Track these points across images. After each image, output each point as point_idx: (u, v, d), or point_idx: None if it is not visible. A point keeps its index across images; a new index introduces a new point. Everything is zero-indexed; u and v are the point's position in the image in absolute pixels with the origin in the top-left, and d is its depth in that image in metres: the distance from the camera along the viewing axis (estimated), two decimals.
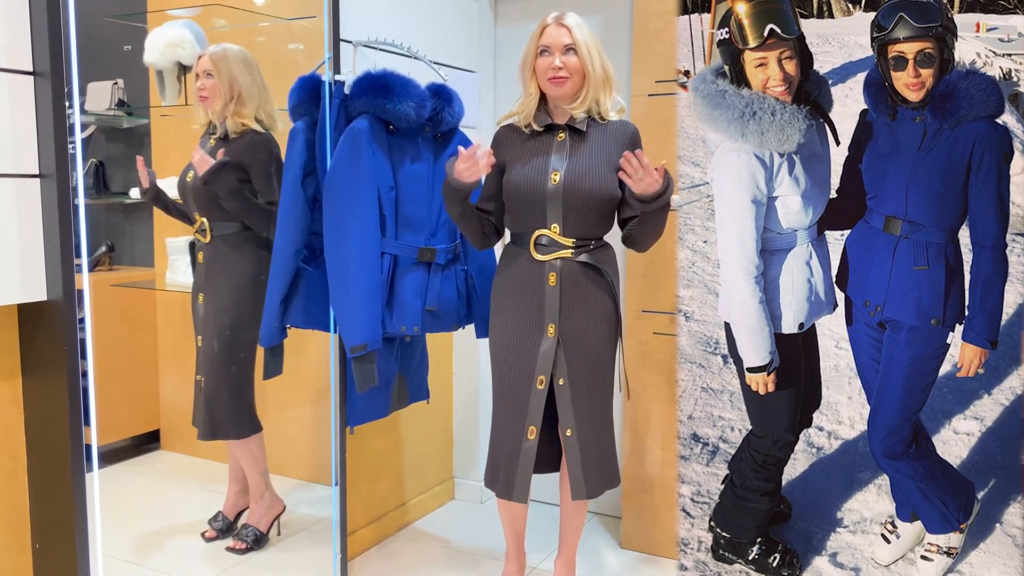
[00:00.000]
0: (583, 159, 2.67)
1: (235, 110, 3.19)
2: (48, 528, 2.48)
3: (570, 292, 2.70)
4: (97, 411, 2.52)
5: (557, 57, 2.64)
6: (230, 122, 3.19)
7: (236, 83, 3.18)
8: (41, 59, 2.29)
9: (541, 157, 2.69)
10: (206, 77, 3.20)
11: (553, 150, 2.69)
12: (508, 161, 2.74)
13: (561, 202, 2.65)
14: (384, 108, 2.83)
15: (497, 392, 2.82)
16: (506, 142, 2.78)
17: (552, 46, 2.65)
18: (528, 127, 2.73)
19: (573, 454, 2.75)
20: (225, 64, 3.18)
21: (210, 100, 3.22)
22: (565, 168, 2.66)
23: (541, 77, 2.68)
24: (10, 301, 2.31)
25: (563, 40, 2.65)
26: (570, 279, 2.70)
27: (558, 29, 2.66)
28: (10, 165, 2.27)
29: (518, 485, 2.75)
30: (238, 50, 3.23)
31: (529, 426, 2.72)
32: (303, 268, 2.99)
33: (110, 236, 3.77)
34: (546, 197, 2.66)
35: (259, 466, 3.37)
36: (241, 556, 3.30)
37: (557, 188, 2.65)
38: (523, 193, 2.68)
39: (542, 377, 2.70)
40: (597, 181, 2.66)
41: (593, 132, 2.72)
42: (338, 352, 2.94)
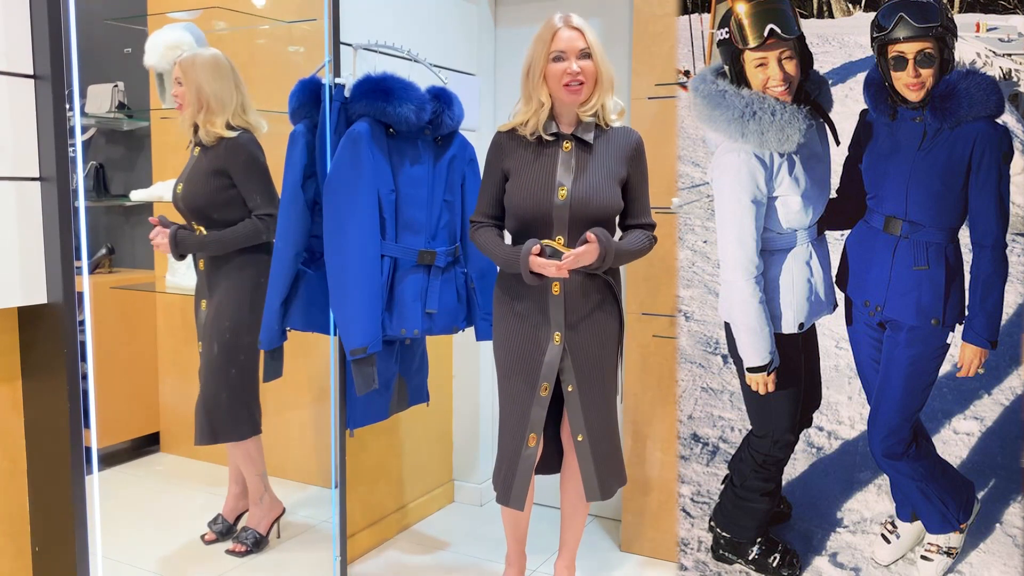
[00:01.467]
0: (590, 174, 2.64)
1: (206, 118, 3.17)
2: (48, 531, 2.47)
3: (575, 300, 2.70)
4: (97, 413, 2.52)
5: (574, 62, 2.58)
6: (202, 132, 3.18)
7: (203, 92, 3.15)
8: (41, 62, 2.28)
9: (547, 169, 2.66)
10: (178, 85, 3.20)
11: (559, 162, 2.66)
12: (512, 170, 2.71)
13: (568, 217, 2.63)
14: (384, 111, 2.83)
15: (502, 399, 2.82)
16: (509, 149, 2.73)
17: (568, 51, 2.58)
18: (534, 135, 2.68)
19: (586, 459, 2.75)
20: (192, 72, 3.16)
21: (183, 108, 3.21)
22: (572, 183, 2.63)
23: (555, 83, 2.61)
24: (10, 304, 2.30)
25: (578, 44, 2.59)
26: (574, 287, 2.69)
27: (571, 32, 2.60)
28: (10, 168, 2.26)
29: (515, 492, 2.75)
30: (208, 56, 3.20)
31: (530, 433, 2.72)
32: (303, 271, 2.99)
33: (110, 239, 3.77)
34: (553, 211, 2.63)
35: (257, 468, 3.36)
36: (241, 559, 3.30)
37: (564, 204, 2.62)
38: (529, 207, 2.66)
39: (546, 384, 2.70)
40: (604, 198, 2.64)
41: (599, 142, 2.69)
42: (338, 355, 2.94)
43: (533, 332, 2.72)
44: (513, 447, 2.75)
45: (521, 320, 2.74)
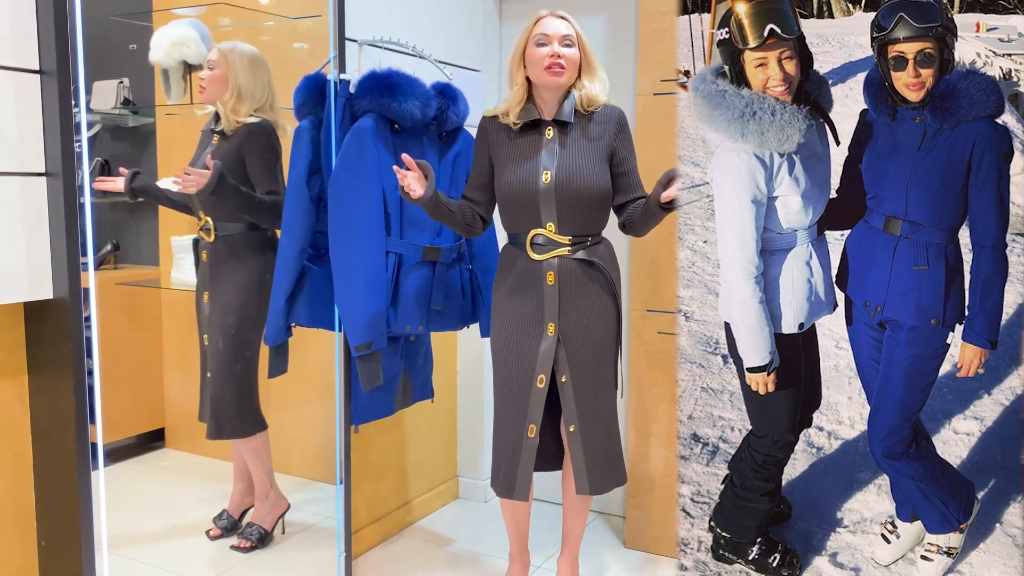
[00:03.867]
0: (573, 155, 2.67)
1: (232, 106, 3.18)
2: (53, 526, 2.48)
3: (569, 290, 2.71)
4: (102, 409, 2.52)
5: (556, 44, 2.63)
6: (224, 119, 3.19)
7: (238, 79, 3.17)
8: (47, 58, 2.29)
9: (531, 156, 2.69)
10: (209, 69, 3.21)
11: (542, 147, 2.69)
12: (498, 158, 2.74)
13: (554, 200, 2.65)
14: (389, 107, 2.84)
15: (498, 392, 2.83)
16: (495, 136, 2.76)
17: (551, 35, 2.63)
18: (516, 124, 2.71)
19: (576, 450, 2.76)
20: (232, 58, 3.19)
21: (207, 92, 3.22)
22: (556, 166, 2.66)
23: (536, 67, 2.64)
24: (16, 299, 2.31)
25: (562, 30, 2.65)
26: (568, 277, 2.70)
27: (556, 20, 2.66)
28: (16, 164, 2.27)
29: (519, 483, 2.76)
30: (249, 50, 3.23)
31: (529, 424, 2.73)
32: (308, 267, 3.01)
33: (115, 235, 3.78)
34: (539, 197, 2.66)
35: (264, 465, 3.38)
36: (245, 555, 3.31)
37: (549, 187, 2.65)
38: (516, 194, 2.68)
39: (542, 376, 2.71)
40: (589, 176, 2.66)
41: (580, 124, 2.71)
42: (343, 351, 2.95)
43: (528, 323, 2.73)
44: (515, 439, 2.75)
45: (516, 311, 2.75)
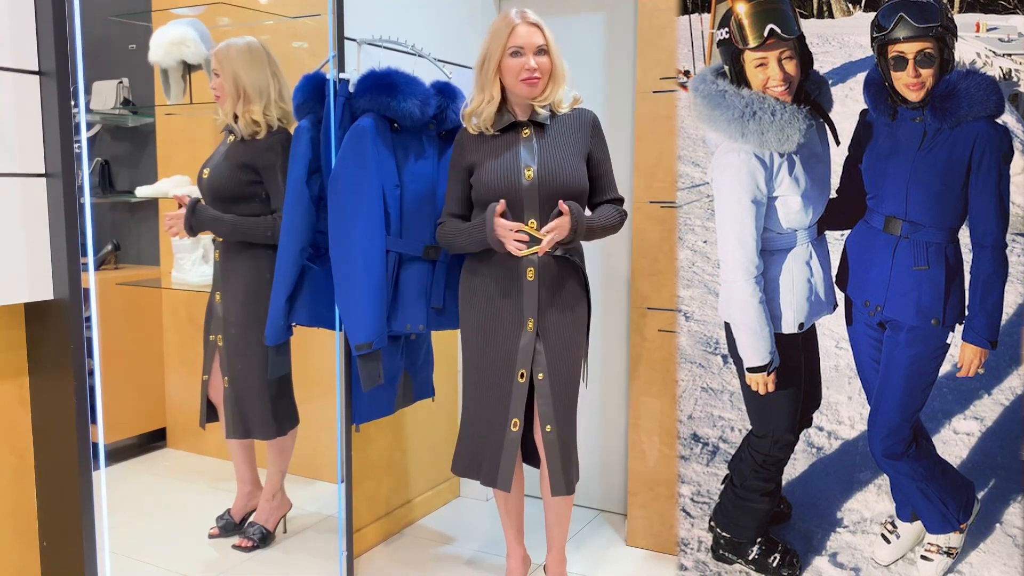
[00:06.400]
0: (553, 152, 2.70)
1: (244, 109, 3.13)
2: (55, 526, 2.48)
3: (548, 286, 2.73)
4: (104, 409, 2.52)
5: (531, 58, 2.64)
6: (242, 122, 3.14)
7: (239, 81, 3.12)
8: (47, 58, 2.28)
9: (510, 154, 2.70)
10: (215, 76, 3.17)
11: (520, 145, 2.71)
12: (476, 162, 2.75)
13: (537, 197, 2.67)
14: (389, 106, 2.84)
15: (473, 384, 2.85)
16: (470, 144, 2.78)
17: (526, 47, 2.64)
18: (491, 128, 2.73)
19: (553, 451, 2.76)
20: (228, 62, 3.13)
21: (221, 100, 3.18)
22: (537, 163, 2.68)
23: (511, 77, 2.66)
24: (17, 300, 2.31)
25: (536, 40, 2.66)
26: (548, 273, 2.72)
27: (529, 29, 2.66)
28: (16, 164, 2.27)
29: (502, 473, 2.78)
30: (242, 44, 3.17)
31: (512, 418, 2.75)
32: (308, 266, 3.00)
33: (116, 235, 3.79)
34: (522, 193, 2.67)
35: (284, 464, 3.37)
36: (247, 554, 3.31)
37: (532, 183, 2.67)
38: (499, 193, 2.69)
39: (523, 371, 2.73)
40: (570, 173, 2.69)
41: (555, 124, 2.74)
42: (343, 350, 2.95)
43: (507, 317, 2.75)
44: (497, 431, 2.77)
45: (494, 305, 2.76)
